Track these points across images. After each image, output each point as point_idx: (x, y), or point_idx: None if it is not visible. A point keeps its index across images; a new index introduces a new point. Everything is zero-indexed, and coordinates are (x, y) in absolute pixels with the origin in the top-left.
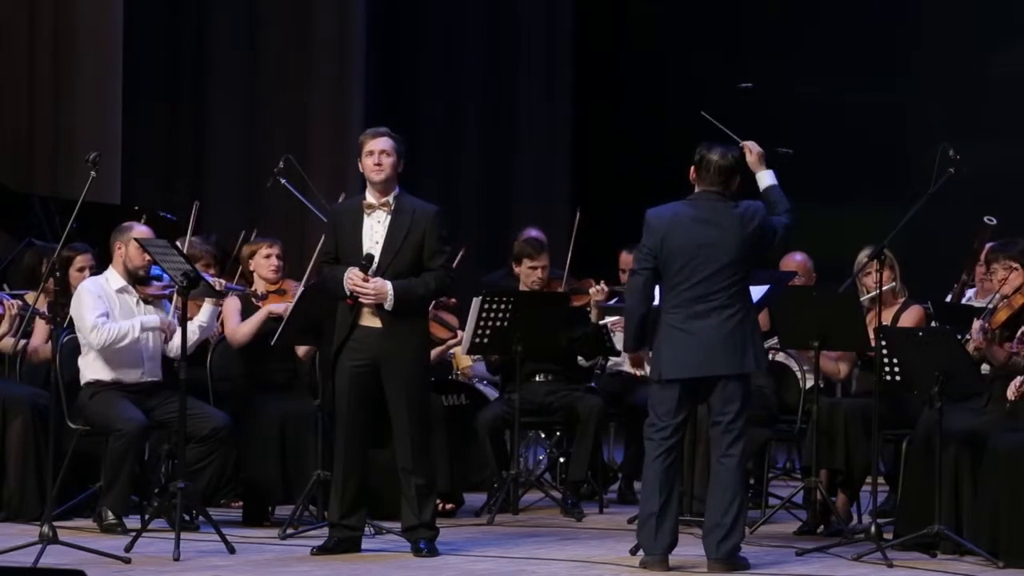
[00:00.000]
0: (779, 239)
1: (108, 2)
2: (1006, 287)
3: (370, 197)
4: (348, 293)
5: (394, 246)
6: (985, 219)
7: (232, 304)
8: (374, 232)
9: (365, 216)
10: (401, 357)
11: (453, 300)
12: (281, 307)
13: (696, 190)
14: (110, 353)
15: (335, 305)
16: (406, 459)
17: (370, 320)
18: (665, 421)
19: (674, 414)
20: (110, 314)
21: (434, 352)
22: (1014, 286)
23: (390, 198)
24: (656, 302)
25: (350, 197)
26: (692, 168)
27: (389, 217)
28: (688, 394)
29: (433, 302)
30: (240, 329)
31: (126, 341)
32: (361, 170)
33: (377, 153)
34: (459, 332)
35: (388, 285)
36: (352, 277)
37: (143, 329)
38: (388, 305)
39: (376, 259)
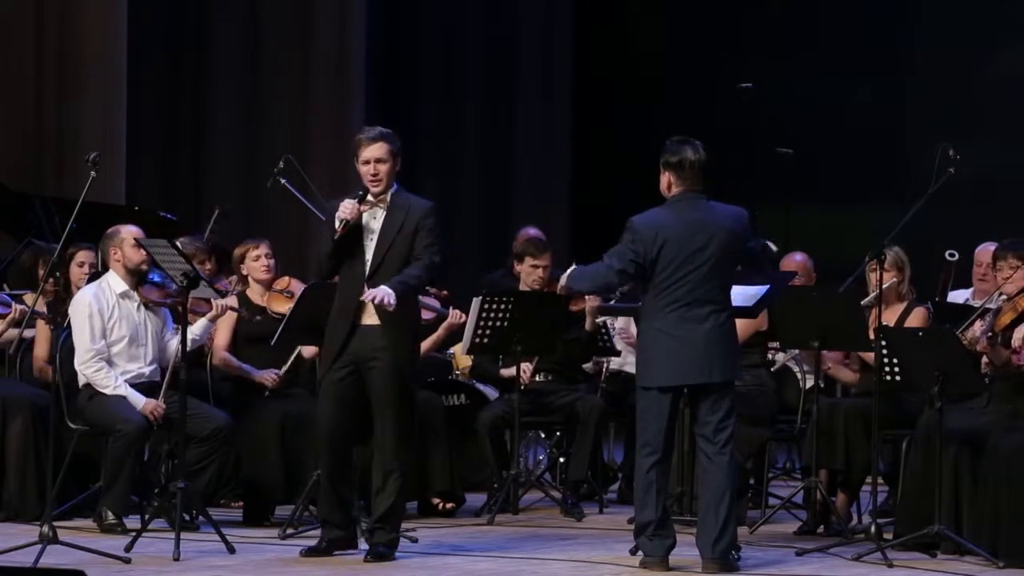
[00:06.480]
0: (750, 256)
1: (112, 4)
2: (1010, 286)
3: (368, 196)
4: (339, 223)
5: (388, 239)
6: (947, 255)
7: (227, 320)
8: (370, 227)
9: (362, 211)
10: (396, 351)
11: (444, 292)
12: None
13: (674, 192)
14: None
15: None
16: (389, 455)
17: (371, 319)
18: (658, 429)
19: (667, 421)
20: (112, 318)
21: (432, 338)
22: (1018, 286)
23: (387, 195)
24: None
25: (346, 194)
26: (667, 174)
27: (384, 213)
28: (677, 399)
29: None
30: (222, 353)
31: (103, 390)
32: (357, 170)
33: (373, 163)
34: (451, 311)
35: (391, 294)
36: (347, 205)
37: (124, 396)
38: (391, 307)
39: (369, 195)
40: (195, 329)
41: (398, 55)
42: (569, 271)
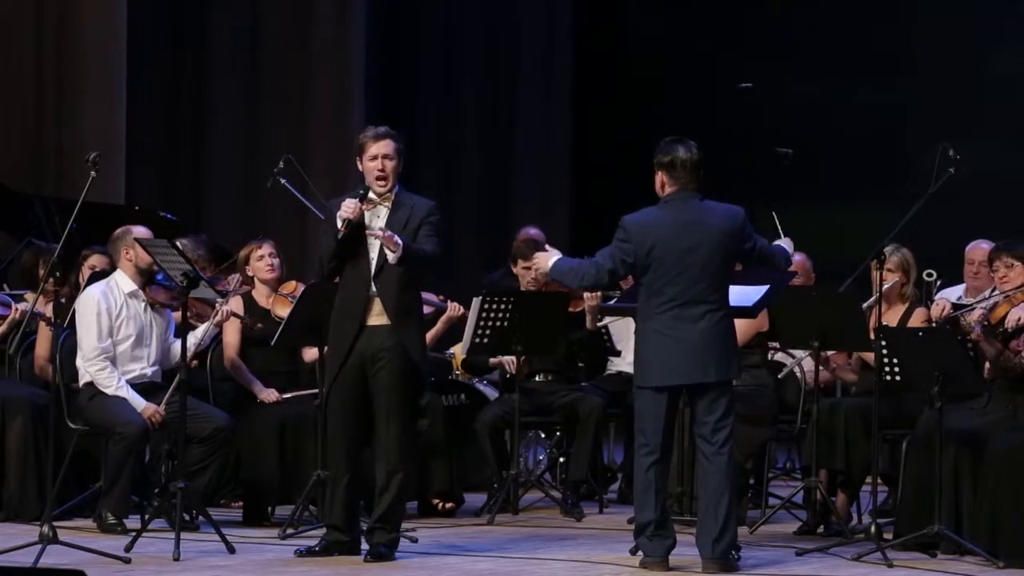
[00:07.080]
0: (757, 256)
1: (112, 4)
2: (1007, 285)
3: (370, 194)
4: (342, 222)
5: None
6: (924, 275)
7: (234, 325)
8: (373, 225)
9: (364, 211)
10: (403, 351)
11: (442, 296)
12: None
13: (667, 191)
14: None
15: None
16: (393, 455)
17: (378, 319)
18: (656, 429)
19: (664, 421)
20: (120, 317)
21: (431, 332)
22: (1015, 284)
23: (390, 194)
24: None
25: (346, 193)
26: (660, 174)
27: (387, 212)
28: (675, 398)
29: None
30: (232, 355)
31: (105, 389)
32: (361, 169)
33: (380, 159)
34: (449, 303)
35: (399, 238)
36: (349, 205)
37: (124, 396)
38: (393, 259)
39: (371, 194)
40: (198, 333)
41: (398, 55)
42: (553, 260)
